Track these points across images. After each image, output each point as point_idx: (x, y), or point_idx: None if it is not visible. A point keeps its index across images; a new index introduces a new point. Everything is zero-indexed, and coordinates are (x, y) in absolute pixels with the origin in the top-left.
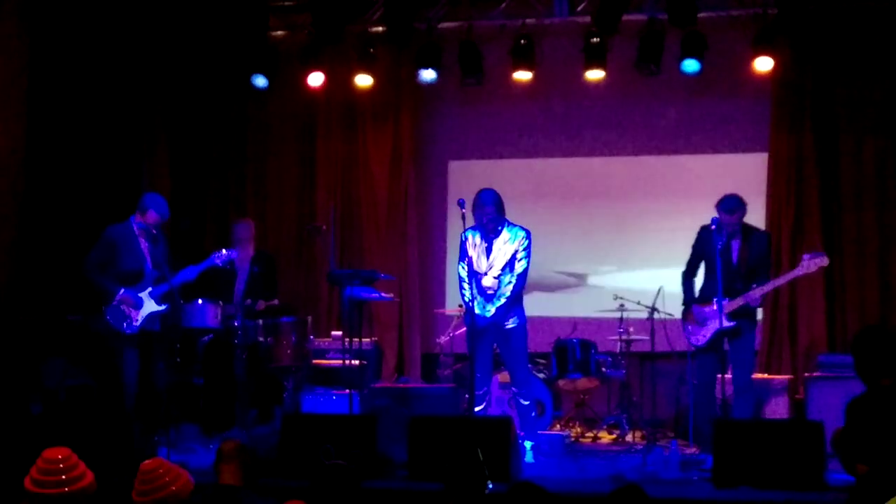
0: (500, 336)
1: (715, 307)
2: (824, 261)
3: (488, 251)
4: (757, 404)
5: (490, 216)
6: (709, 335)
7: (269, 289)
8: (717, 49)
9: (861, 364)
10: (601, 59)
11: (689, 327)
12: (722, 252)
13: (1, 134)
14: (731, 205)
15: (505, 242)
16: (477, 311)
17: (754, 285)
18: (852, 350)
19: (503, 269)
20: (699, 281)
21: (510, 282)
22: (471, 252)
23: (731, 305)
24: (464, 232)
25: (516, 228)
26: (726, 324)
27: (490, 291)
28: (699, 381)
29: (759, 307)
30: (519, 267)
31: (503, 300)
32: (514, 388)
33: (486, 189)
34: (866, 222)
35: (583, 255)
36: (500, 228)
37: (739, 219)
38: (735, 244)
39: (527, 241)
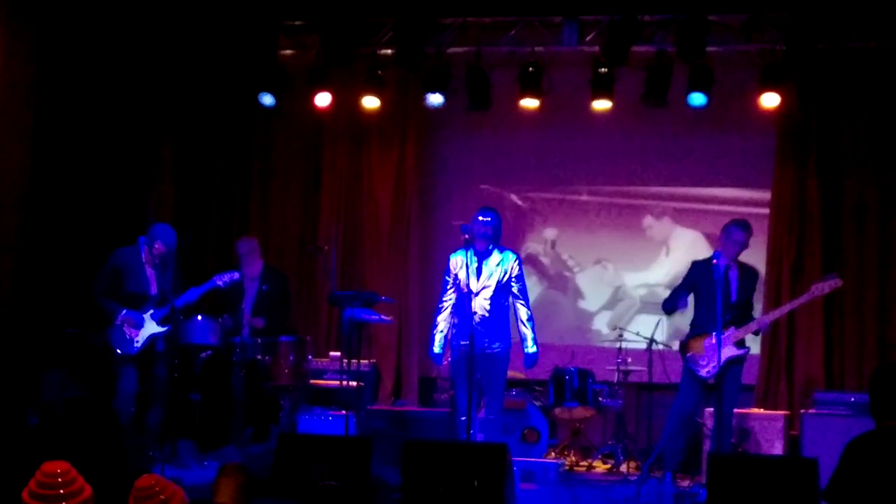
0: (483, 361)
1: (722, 337)
2: (837, 282)
3: (479, 271)
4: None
5: (486, 233)
6: (719, 366)
7: (280, 308)
8: (725, 83)
9: (874, 402)
10: (608, 89)
11: (696, 358)
12: (721, 283)
13: (6, 151)
14: (746, 224)
15: (496, 265)
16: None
17: (766, 312)
18: (869, 387)
19: (495, 291)
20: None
21: (528, 318)
22: (459, 273)
23: (738, 333)
24: (451, 255)
25: (507, 252)
26: (737, 352)
27: (482, 312)
28: (682, 409)
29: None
30: (521, 293)
31: (531, 342)
32: (488, 416)
33: (488, 208)
34: (867, 262)
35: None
36: (490, 250)
37: (747, 241)
38: (733, 275)
39: (518, 266)
